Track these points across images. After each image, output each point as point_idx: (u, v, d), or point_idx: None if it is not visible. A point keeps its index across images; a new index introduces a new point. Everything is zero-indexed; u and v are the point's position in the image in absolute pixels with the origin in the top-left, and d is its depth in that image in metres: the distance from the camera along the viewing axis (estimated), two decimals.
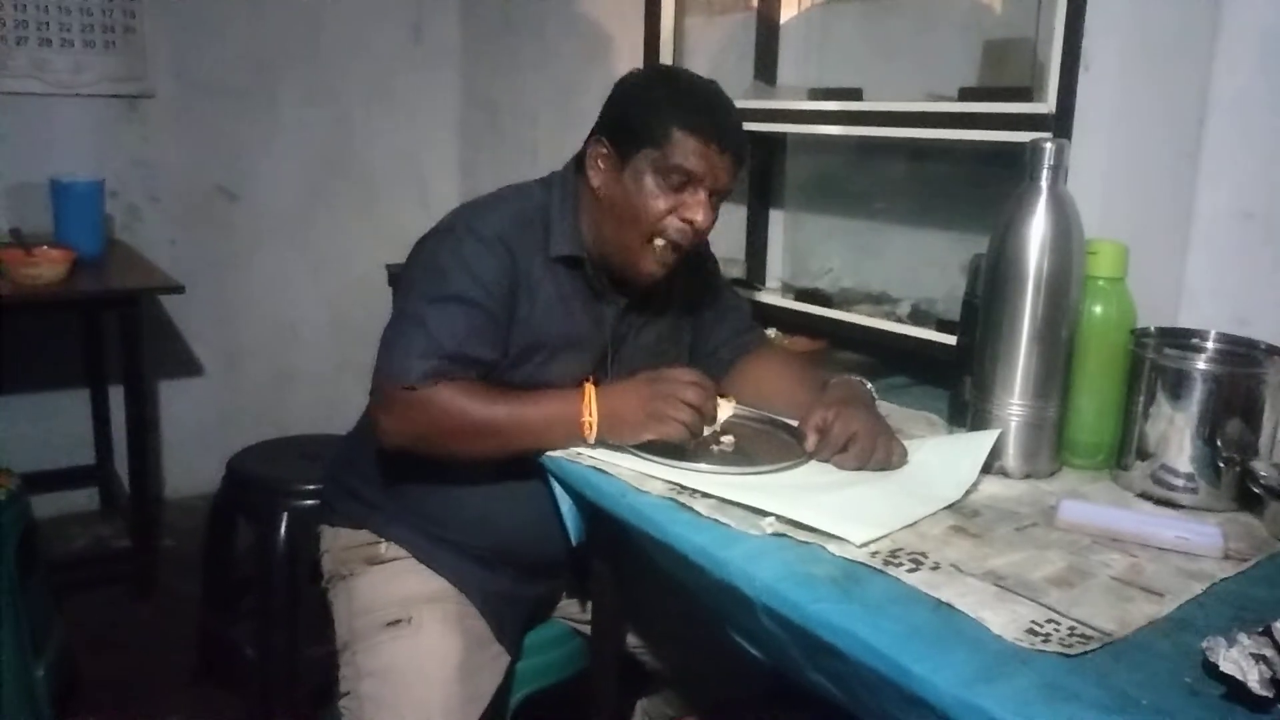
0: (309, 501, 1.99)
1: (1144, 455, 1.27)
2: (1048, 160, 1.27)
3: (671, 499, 1.19)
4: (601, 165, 1.40)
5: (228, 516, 2.25)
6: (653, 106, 1.36)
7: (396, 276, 3.16)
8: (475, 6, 3.54)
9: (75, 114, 3.02)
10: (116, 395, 2.99)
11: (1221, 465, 1.22)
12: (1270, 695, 0.76)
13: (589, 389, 1.32)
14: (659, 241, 1.38)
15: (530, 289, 1.40)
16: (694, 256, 1.55)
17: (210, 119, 3.24)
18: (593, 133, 1.43)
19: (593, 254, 1.44)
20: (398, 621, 1.41)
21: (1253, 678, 0.77)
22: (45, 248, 2.53)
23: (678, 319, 1.59)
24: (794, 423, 1.41)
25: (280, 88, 3.36)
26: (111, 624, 2.55)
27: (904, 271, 2.02)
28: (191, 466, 3.30)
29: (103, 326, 2.99)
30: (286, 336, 3.53)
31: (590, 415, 1.30)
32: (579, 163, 1.47)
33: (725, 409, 1.37)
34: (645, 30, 2.21)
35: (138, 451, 2.66)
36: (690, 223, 1.36)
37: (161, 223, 3.20)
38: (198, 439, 3.32)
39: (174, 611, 2.55)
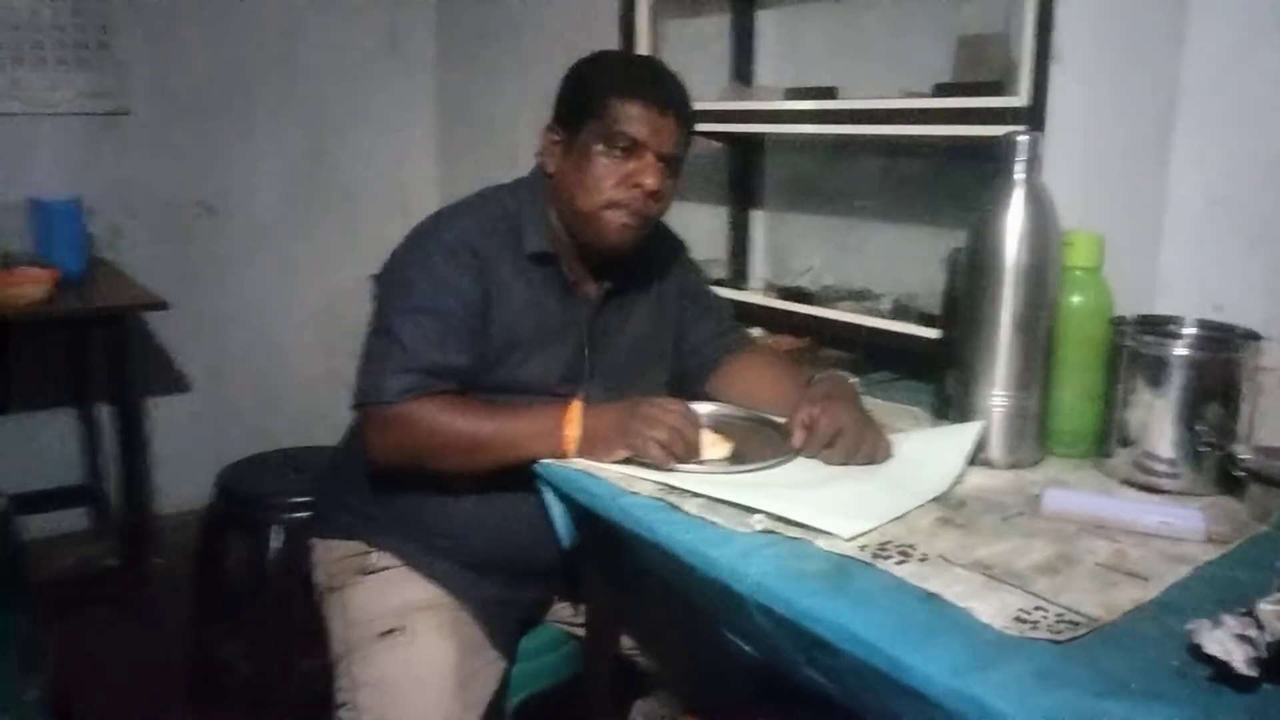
0: (300, 514, 1.98)
1: (1126, 442, 1.29)
2: (1023, 153, 1.28)
3: (661, 499, 1.20)
4: (554, 149, 1.44)
5: (219, 531, 2.24)
6: (592, 82, 1.41)
7: None
8: (451, 17, 3.54)
9: (52, 132, 3.00)
10: (101, 412, 2.98)
11: (1202, 450, 1.24)
12: (1255, 675, 0.78)
13: (576, 404, 1.33)
14: (617, 210, 1.39)
15: (502, 292, 1.41)
16: (665, 249, 1.57)
17: (188, 134, 3.23)
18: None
19: (564, 244, 1.46)
20: (392, 631, 1.41)
21: (1238, 658, 0.78)
22: (27, 267, 2.52)
23: (658, 319, 1.59)
24: (780, 420, 1.42)
25: (257, 101, 3.35)
26: (102, 644, 2.54)
27: (884, 267, 2.04)
28: (179, 482, 3.28)
29: (88, 345, 2.98)
30: (270, 349, 3.51)
31: (573, 429, 1.31)
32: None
33: (722, 448, 1.35)
34: (620, 34, 2.22)
35: (130, 469, 2.65)
36: (640, 186, 1.38)
37: (142, 239, 3.19)
38: (185, 454, 3.30)
39: (165, 630, 2.53)
